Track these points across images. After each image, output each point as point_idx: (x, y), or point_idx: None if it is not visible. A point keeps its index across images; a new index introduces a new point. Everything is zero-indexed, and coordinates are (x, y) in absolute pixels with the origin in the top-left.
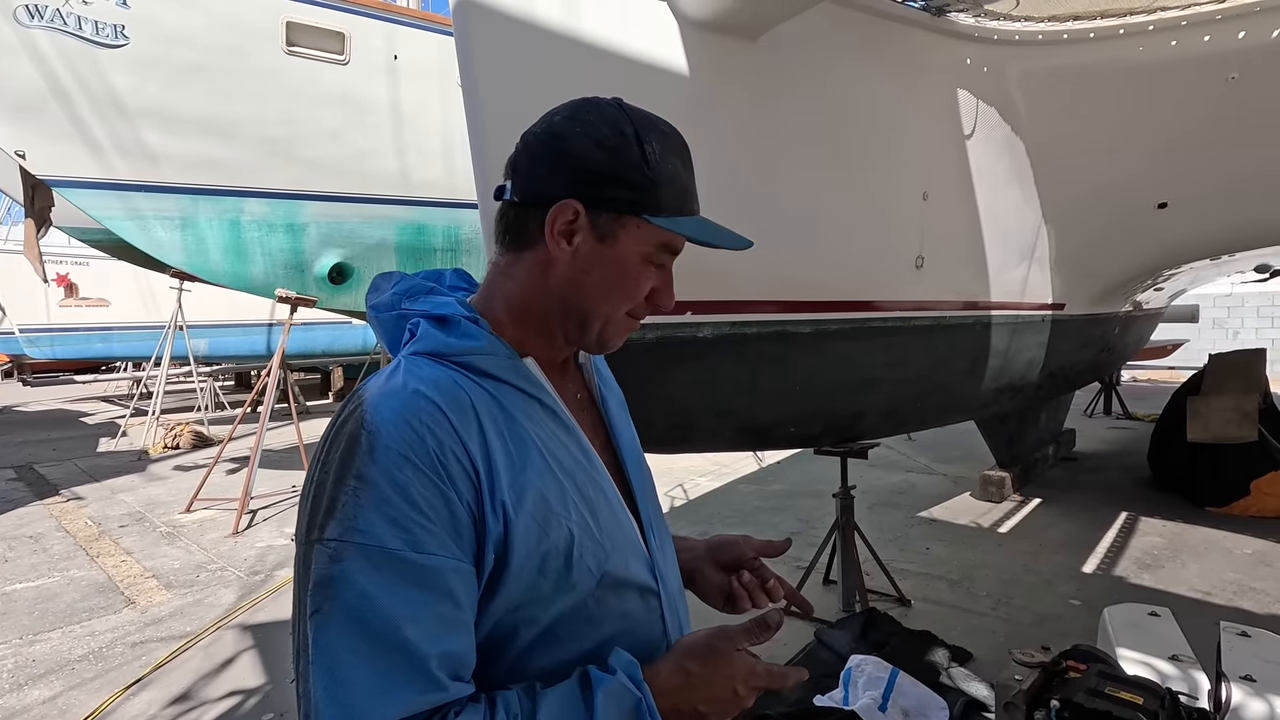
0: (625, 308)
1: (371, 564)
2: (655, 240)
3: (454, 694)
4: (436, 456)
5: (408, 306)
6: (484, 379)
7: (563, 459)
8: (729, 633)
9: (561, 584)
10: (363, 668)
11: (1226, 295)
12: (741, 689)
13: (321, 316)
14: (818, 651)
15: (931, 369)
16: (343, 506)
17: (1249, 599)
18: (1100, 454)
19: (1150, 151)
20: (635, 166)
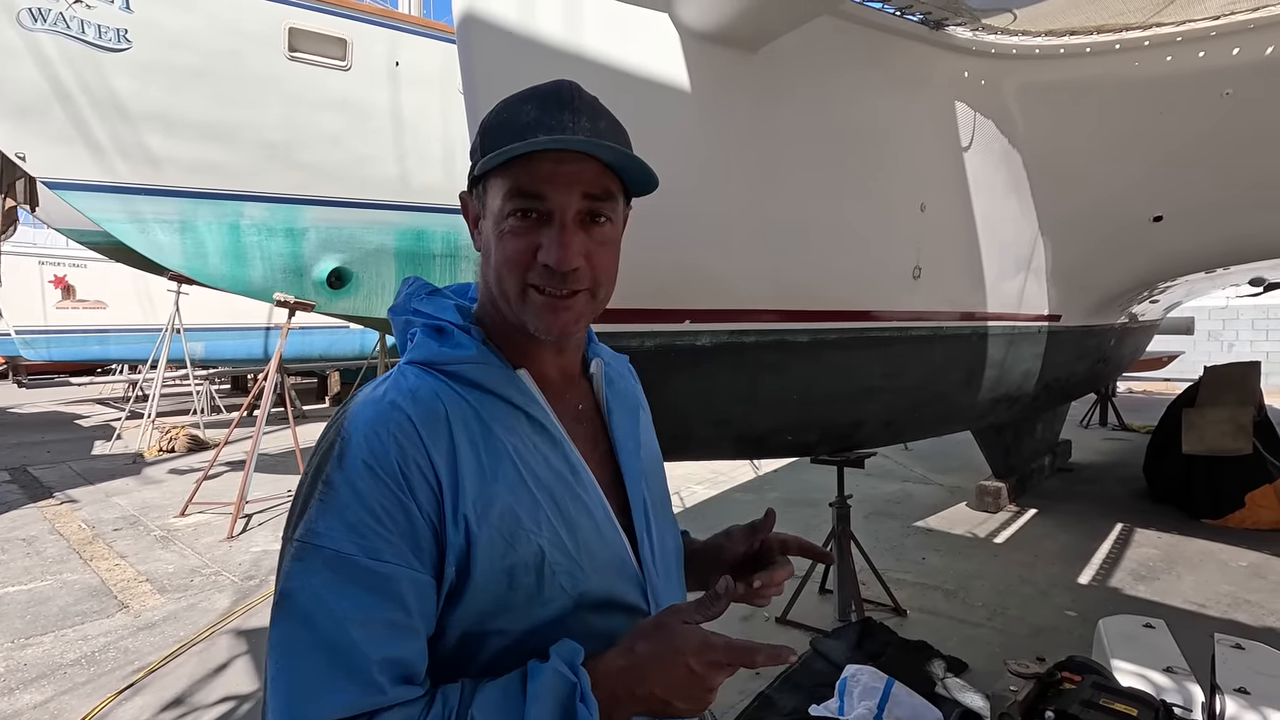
0: (509, 275)
1: (326, 566)
2: (502, 190)
3: (394, 698)
4: (399, 465)
5: (416, 308)
6: (469, 389)
7: (540, 473)
8: (678, 608)
9: (534, 599)
10: (307, 665)
11: (1222, 308)
12: (695, 664)
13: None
14: (813, 661)
15: (928, 379)
16: (310, 509)
17: (1244, 611)
18: (1096, 465)
19: (1146, 165)
20: (477, 133)
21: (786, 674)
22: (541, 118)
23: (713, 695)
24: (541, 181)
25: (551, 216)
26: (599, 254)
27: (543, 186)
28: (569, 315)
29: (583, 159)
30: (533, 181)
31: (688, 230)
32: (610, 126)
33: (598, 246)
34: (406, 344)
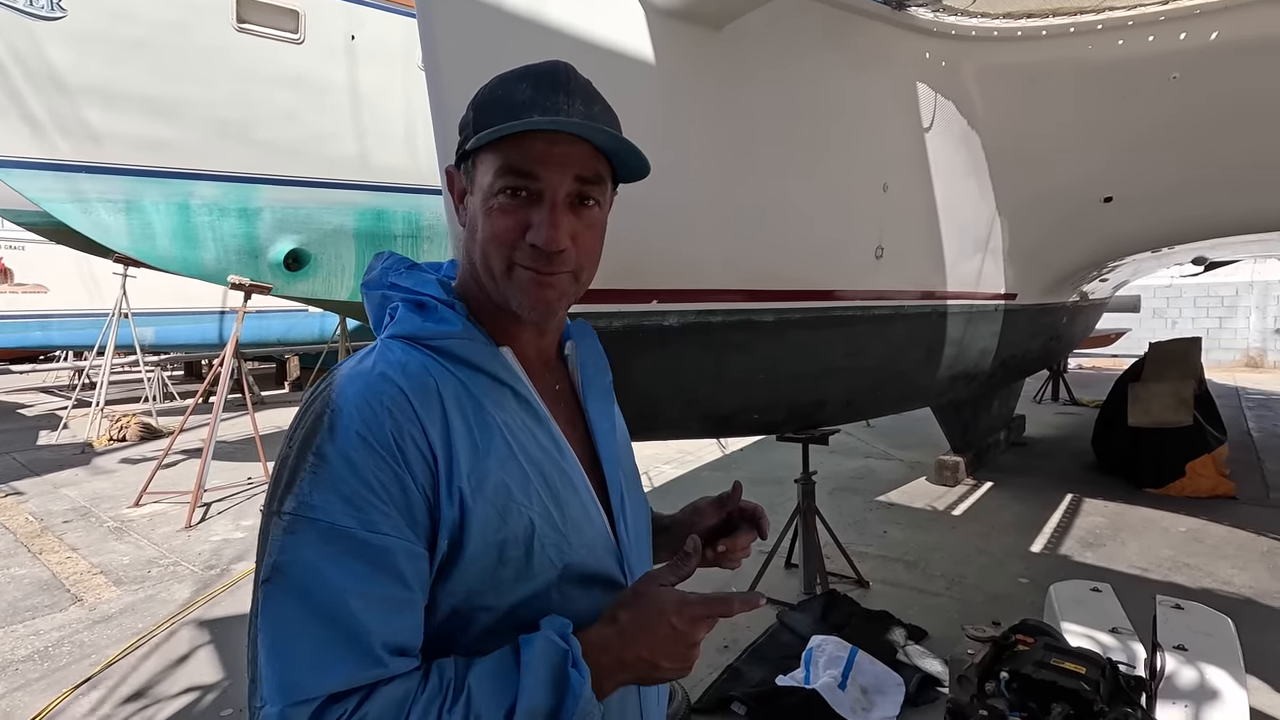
0: (495, 252)
1: (322, 539)
2: (493, 167)
3: (393, 670)
4: (394, 440)
5: (394, 282)
6: (456, 365)
7: (530, 448)
8: (652, 573)
9: (522, 573)
10: (304, 639)
11: (1166, 286)
12: (677, 621)
13: (276, 304)
14: (780, 634)
15: (890, 357)
16: (300, 482)
17: (1183, 574)
18: (1049, 439)
19: (1098, 147)
20: (470, 107)
21: (754, 647)
22: (537, 97)
23: (696, 651)
24: (534, 161)
25: (542, 196)
26: (585, 236)
27: (535, 166)
28: (552, 294)
29: (575, 141)
30: (525, 160)
31: (654, 210)
32: (604, 111)
33: (585, 229)
34: (384, 319)
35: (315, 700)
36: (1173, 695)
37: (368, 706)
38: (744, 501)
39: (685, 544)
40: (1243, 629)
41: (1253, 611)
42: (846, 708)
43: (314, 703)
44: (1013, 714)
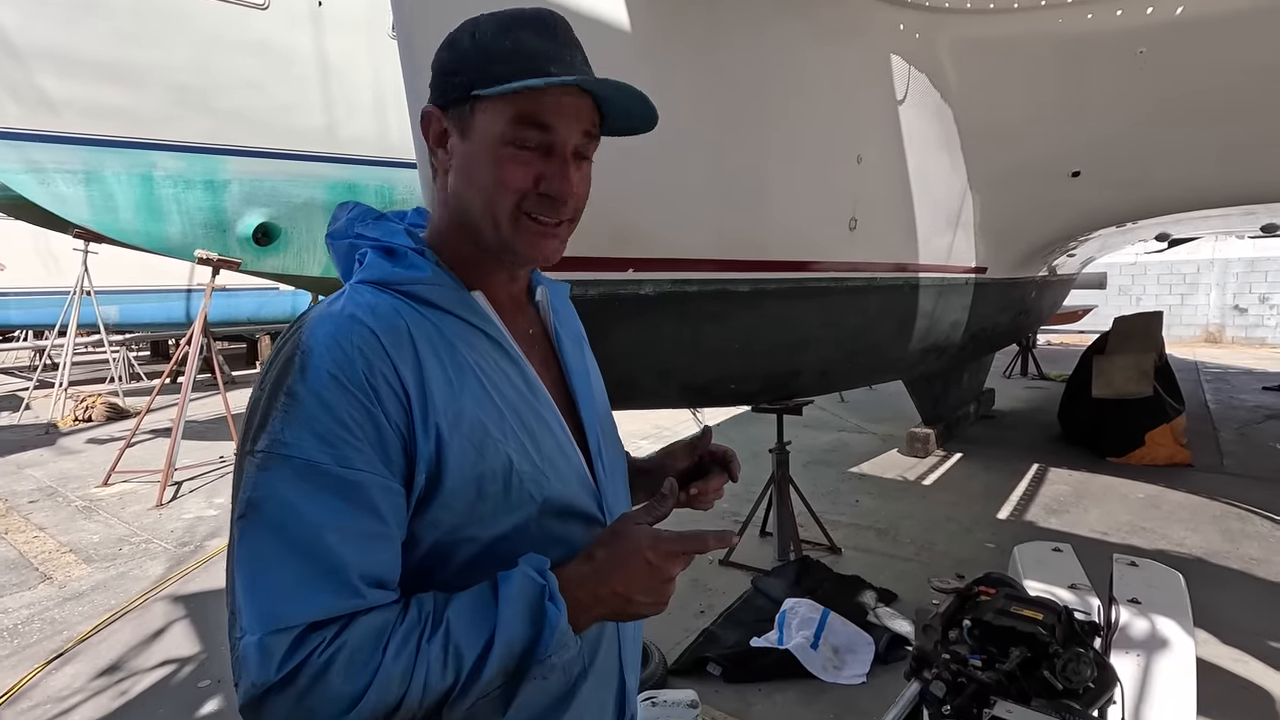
0: (503, 200)
1: (297, 475)
2: (506, 117)
3: (372, 601)
4: (366, 378)
5: (360, 233)
6: (427, 308)
7: (504, 389)
8: (629, 514)
9: (500, 507)
10: (282, 571)
11: (1132, 264)
12: (653, 557)
13: (246, 282)
14: (754, 599)
15: (863, 329)
16: (273, 421)
17: (1140, 537)
18: (1017, 411)
19: (1067, 121)
20: (465, 52)
21: (729, 612)
22: (548, 48)
23: (671, 587)
24: (550, 113)
25: (553, 148)
26: (581, 187)
27: (551, 118)
28: (555, 243)
29: (583, 95)
30: (542, 112)
31: (629, 177)
32: (586, 61)
33: (581, 180)
34: (354, 266)
35: (295, 629)
36: (1126, 645)
37: (346, 635)
38: (715, 445)
39: (662, 486)
40: (1193, 587)
41: (1203, 570)
42: (818, 666)
43: (294, 631)
44: (973, 656)
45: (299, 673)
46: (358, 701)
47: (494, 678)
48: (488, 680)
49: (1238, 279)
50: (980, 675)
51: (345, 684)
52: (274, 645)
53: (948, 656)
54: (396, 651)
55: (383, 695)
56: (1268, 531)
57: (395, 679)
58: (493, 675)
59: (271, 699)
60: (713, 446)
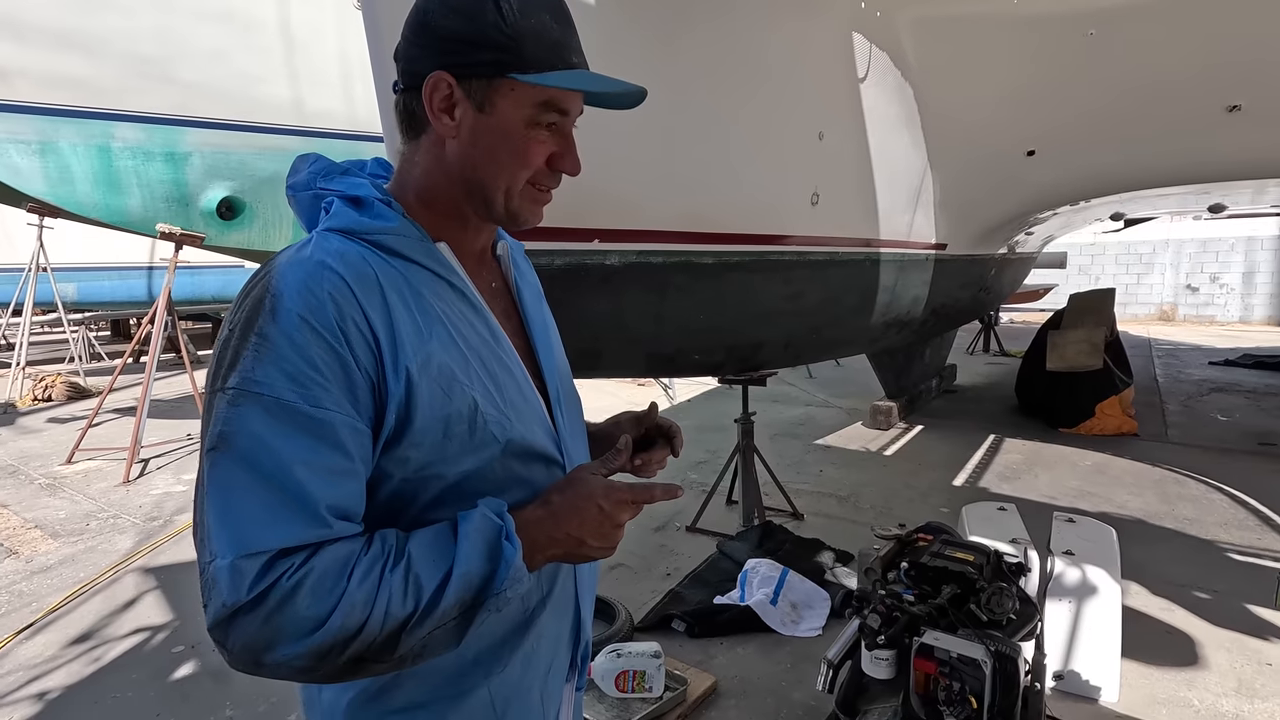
0: (522, 176)
1: (267, 412)
2: (533, 100)
3: (338, 532)
4: (336, 322)
5: (323, 186)
6: (393, 258)
7: (468, 336)
8: (585, 465)
9: (466, 446)
10: (252, 500)
11: (1090, 244)
12: (605, 504)
13: (211, 259)
14: (719, 561)
15: (826, 302)
16: (243, 359)
17: (1085, 501)
18: (977, 386)
19: (1021, 101)
20: (493, 26)
21: (694, 574)
22: (567, 37)
23: (620, 533)
24: (570, 100)
25: (564, 129)
26: None
27: (570, 104)
28: (546, 206)
29: None
30: (565, 99)
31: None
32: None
33: None
34: (317, 216)
35: (266, 554)
36: (1060, 593)
37: (314, 561)
38: (661, 419)
39: (618, 442)
40: (1132, 545)
41: (1141, 530)
42: (777, 621)
43: (264, 556)
44: (907, 593)
45: (268, 595)
46: (322, 624)
47: (451, 608)
48: (444, 610)
49: (1190, 259)
50: (912, 609)
51: (311, 607)
52: (245, 568)
53: (884, 593)
54: (360, 579)
55: (346, 619)
56: (1202, 494)
57: (358, 605)
58: (450, 605)
59: (240, 619)
60: (660, 420)
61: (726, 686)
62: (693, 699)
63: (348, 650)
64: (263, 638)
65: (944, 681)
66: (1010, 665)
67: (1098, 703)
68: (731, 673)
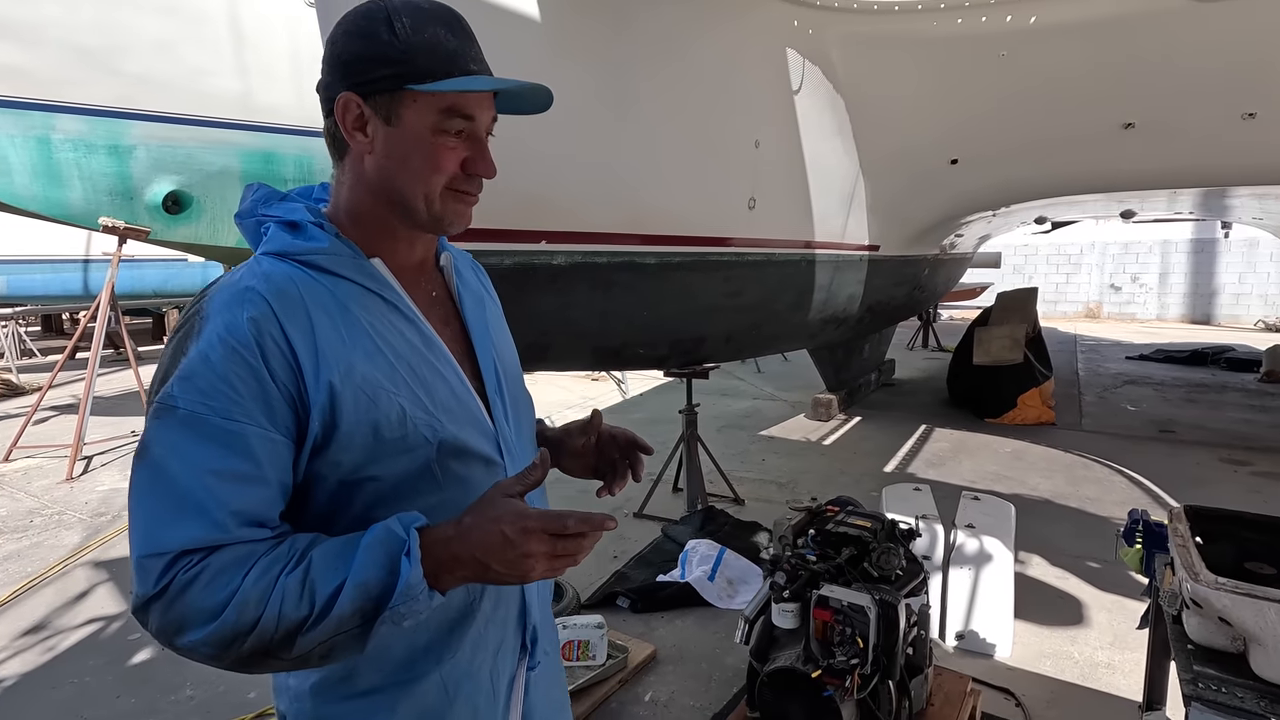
0: (437, 181)
1: (180, 424)
2: (435, 108)
3: (239, 536)
4: (255, 340)
5: (264, 212)
6: (323, 275)
7: (397, 345)
8: (501, 484)
9: (398, 448)
10: (159, 505)
11: (1024, 245)
12: (509, 530)
13: (152, 253)
14: (663, 544)
15: (764, 300)
16: (170, 377)
17: (1002, 484)
18: (914, 380)
19: (943, 114)
20: (387, 44)
21: (639, 555)
22: (463, 46)
23: (531, 562)
24: (473, 104)
25: (474, 134)
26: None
27: (474, 109)
28: (471, 212)
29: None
30: (467, 104)
31: (542, 154)
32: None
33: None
34: (259, 241)
35: (168, 554)
36: (960, 561)
37: (210, 559)
38: (616, 429)
39: (537, 456)
40: (1038, 522)
41: (1048, 509)
42: (714, 595)
43: (166, 556)
44: (811, 554)
45: (168, 588)
46: (216, 616)
47: (349, 616)
48: (340, 616)
49: (1114, 260)
50: (814, 567)
51: (205, 599)
52: (150, 565)
53: (790, 555)
54: (256, 578)
55: (240, 614)
56: (1105, 477)
57: (251, 601)
58: (346, 613)
59: (151, 606)
60: (614, 430)
61: (665, 654)
62: (633, 665)
63: (246, 642)
64: (170, 623)
65: (838, 627)
66: (891, 611)
67: (993, 658)
68: (670, 642)
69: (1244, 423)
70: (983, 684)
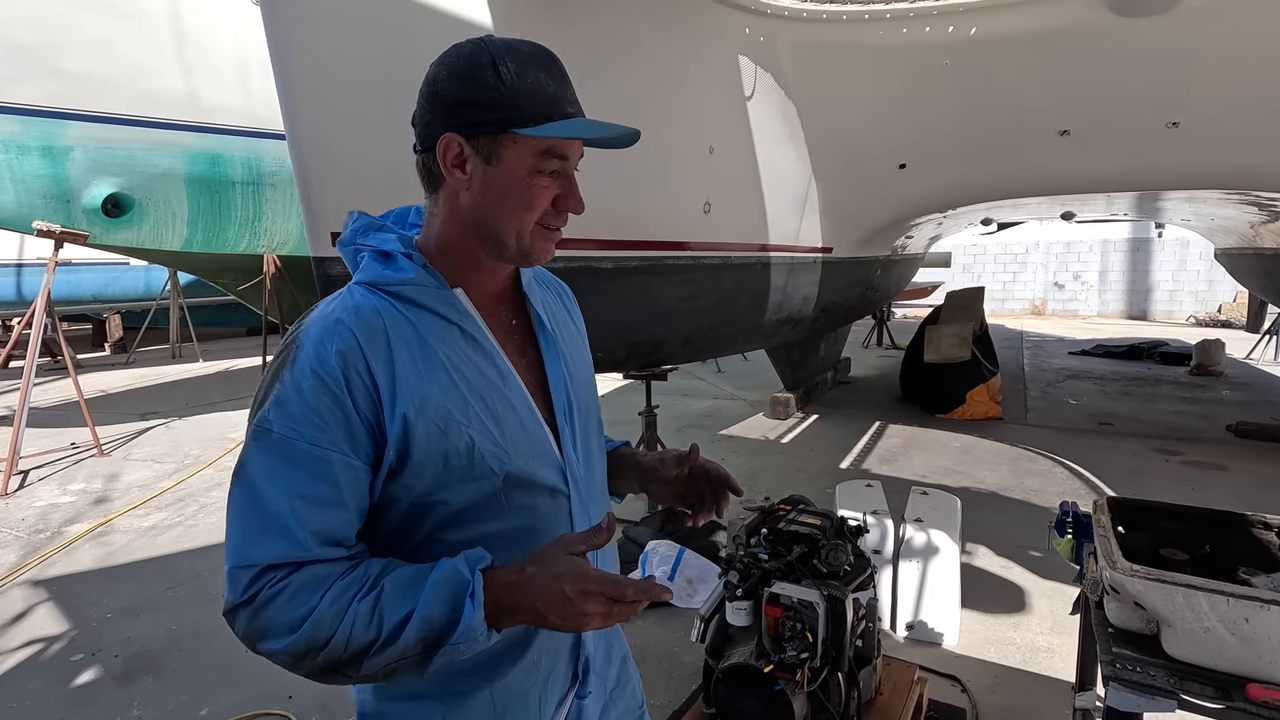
0: (530, 219)
1: (273, 447)
2: (534, 150)
3: (319, 555)
4: (341, 372)
5: (360, 242)
6: (407, 306)
7: (471, 377)
8: (566, 538)
9: (466, 477)
10: (250, 521)
11: (972, 245)
12: (569, 589)
13: (91, 256)
14: (624, 545)
15: (721, 302)
16: (267, 401)
17: (951, 478)
18: (869, 378)
19: (891, 121)
20: (493, 89)
21: None
22: (560, 89)
23: (587, 618)
24: (568, 146)
25: (565, 173)
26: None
27: (569, 150)
28: (555, 245)
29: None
30: (564, 147)
31: None
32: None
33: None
34: (356, 268)
35: (255, 567)
36: (909, 554)
37: (293, 577)
38: (708, 463)
39: (603, 519)
40: (985, 514)
41: (994, 500)
42: (674, 595)
43: (254, 569)
44: (763, 552)
45: (255, 599)
46: (295, 629)
47: (413, 644)
48: (405, 644)
49: (1057, 259)
50: (765, 565)
51: (285, 613)
52: (239, 576)
53: (743, 553)
54: (332, 600)
55: (315, 630)
56: (1048, 469)
57: (326, 620)
58: (411, 642)
59: (238, 613)
60: (709, 465)
61: None
62: None
63: (318, 657)
64: (254, 630)
65: (788, 623)
66: (839, 606)
67: (941, 646)
68: (632, 641)
69: (1176, 414)
70: (930, 672)
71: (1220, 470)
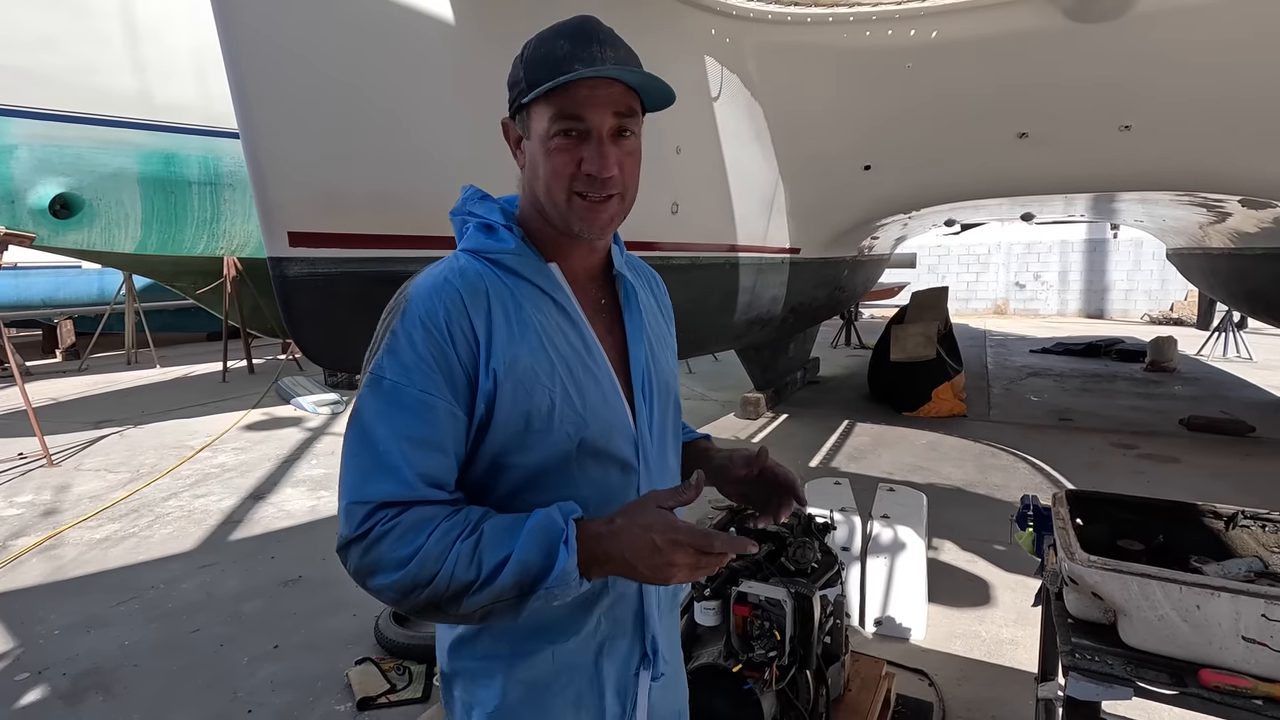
0: (558, 185)
1: (383, 391)
2: (547, 115)
3: (425, 495)
4: (446, 325)
5: (470, 210)
6: (507, 275)
7: (559, 345)
8: (656, 493)
9: (544, 439)
10: (363, 460)
11: (937, 246)
12: (658, 539)
13: (40, 259)
14: None
15: (690, 302)
16: (380, 351)
17: (918, 474)
18: (838, 377)
19: (856, 122)
20: (518, 67)
21: None
22: (575, 50)
23: (674, 569)
24: (581, 105)
25: (590, 134)
26: (627, 163)
27: (582, 109)
28: (605, 216)
29: (611, 83)
30: (574, 105)
31: (461, 160)
32: (629, 53)
33: (625, 156)
34: (462, 236)
35: (369, 504)
36: (877, 550)
37: (403, 516)
38: (777, 465)
39: (692, 476)
40: (950, 509)
41: (959, 496)
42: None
43: (368, 505)
44: None
45: (368, 534)
46: (403, 566)
47: (508, 587)
48: (502, 586)
49: (1018, 259)
50: (733, 564)
51: (395, 550)
52: (355, 511)
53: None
54: (437, 539)
55: (421, 567)
56: (1010, 464)
57: (431, 559)
58: (507, 585)
59: (352, 548)
60: (778, 469)
61: None
62: None
63: (423, 594)
64: (365, 565)
65: (756, 622)
66: (806, 603)
67: (909, 641)
68: None
69: (1131, 409)
70: (898, 666)
71: (1173, 462)
